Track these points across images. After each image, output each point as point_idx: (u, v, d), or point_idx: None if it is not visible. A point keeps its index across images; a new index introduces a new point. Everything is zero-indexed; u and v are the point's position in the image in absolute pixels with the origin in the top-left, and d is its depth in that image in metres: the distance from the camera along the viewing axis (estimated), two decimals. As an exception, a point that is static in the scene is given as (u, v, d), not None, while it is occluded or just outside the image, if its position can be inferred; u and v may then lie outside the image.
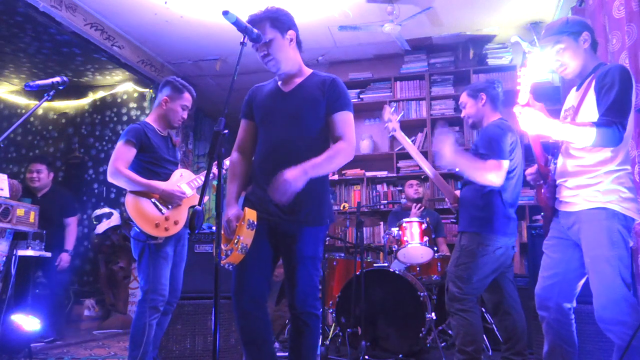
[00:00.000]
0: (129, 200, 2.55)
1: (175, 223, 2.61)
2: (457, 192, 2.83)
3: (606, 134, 1.77)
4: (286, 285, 1.97)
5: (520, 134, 2.46)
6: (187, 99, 2.78)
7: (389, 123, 2.85)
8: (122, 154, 2.59)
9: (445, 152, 2.35)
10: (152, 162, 2.67)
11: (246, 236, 1.83)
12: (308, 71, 2.07)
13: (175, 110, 2.75)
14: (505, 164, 2.47)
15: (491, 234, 2.50)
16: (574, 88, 2.06)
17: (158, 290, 2.52)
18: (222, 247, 1.90)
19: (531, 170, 2.16)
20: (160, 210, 2.59)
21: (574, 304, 2.01)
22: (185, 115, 2.80)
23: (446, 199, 2.87)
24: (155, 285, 2.51)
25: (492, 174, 2.44)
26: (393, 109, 2.89)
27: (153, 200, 2.58)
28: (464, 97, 2.76)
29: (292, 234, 1.93)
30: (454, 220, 2.78)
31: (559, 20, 2.07)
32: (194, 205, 2.69)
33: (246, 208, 1.88)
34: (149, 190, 2.57)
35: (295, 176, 1.75)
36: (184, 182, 2.72)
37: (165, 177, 2.70)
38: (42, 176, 4.24)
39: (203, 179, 2.72)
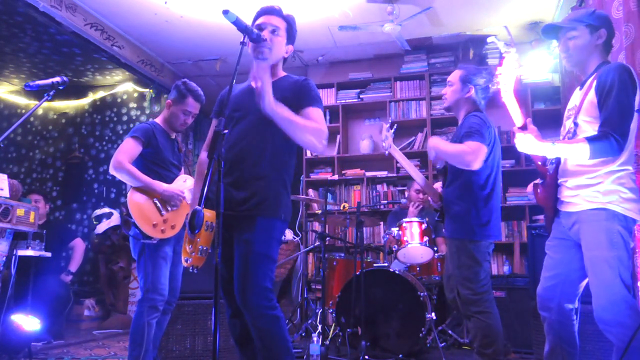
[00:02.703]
0: (132, 197, 2.54)
1: (172, 227, 2.61)
2: (438, 185, 2.81)
3: (601, 148, 1.78)
4: (235, 285, 1.87)
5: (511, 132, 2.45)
6: (189, 104, 2.74)
7: (385, 141, 2.83)
8: (128, 149, 2.59)
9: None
10: (157, 163, 2.68)
11: (204, 238, 1.78)
12: (282, 73, 2.09)
13: (177, 115, 2.74)
14: (485, 149, 2.41)
15: (477, 236, 2.49)
16: (578, 87, 2.05)
17: (157, 290, 2.52)
18: (187, 249, 1.88)
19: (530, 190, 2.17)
20: (160, 211, 2.59)
21: (577, 305, 2.00)
22: (188, 120, 2.78)
23: (430, 199, 2.85)
24: (155, 285, 2.51)
25: (471, 155, 2.38)
26: (388, 125, 2.87)
27: (155, 200, 2.58)
28: (455, 77, 2.67)
29: (244, 229, 1.89)
30: (438, 219, 2.76)
31: (586, 9, 2.06)
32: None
33: (205, 210, 1.83)
34: (149, 188, 2.57)
35: (265, 92, 1.73)
36: (186, 187, 2.72)
37: (168, 180, 2.69)
38: (40, 205, 4.35)
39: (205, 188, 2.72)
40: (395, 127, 2.94)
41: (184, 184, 2.73)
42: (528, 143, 1.92)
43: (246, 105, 2.00)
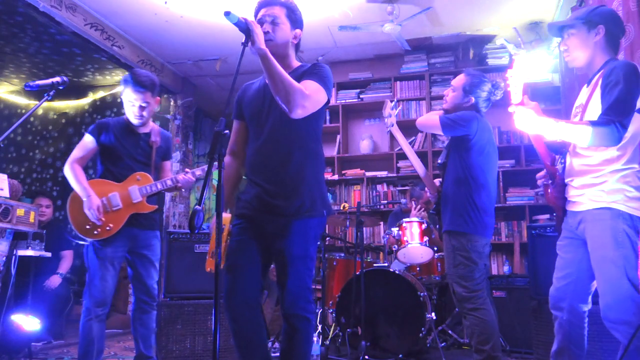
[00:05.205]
0: (71, 196, 2.57)
1: (108, 229, 2.54)
2: (437, 181, 2.85)
3: (603, 133, 1.76)
4: (277, 286, 1.95)
5: (519, 133, 2.46)
6: (128, 93, 2.59)
7: (388, 118, 2.86)
8: (78, 147, 2.62)
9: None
10: (110, 158, 2.64)
11: (213, 241, 1.82)
12: (296, 64, 2.04)
13: (126, 107, 2.65)
14: (437, 118, 2.59)
15: (475, 233, 2.52)
16: (585, 85, 2.04)
17: (89, 290, 2.52)
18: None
19: (541, 174, 2.15)
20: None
21: (589, 306, 1.99)
22: (138, 111, 2.62)
23: (427, 191, 2.89)
24: (89, 286, 2.53)
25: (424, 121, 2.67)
26: (393, 103, 2.89)
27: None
28: (458, 83, 2.69)
29: (281, 232, 1.90)
30: (433, 212, 2.79)
31: (589, 6, 2.05)
32: (139, 212, 2.61)
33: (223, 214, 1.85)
34: (79, 193, 2.53)
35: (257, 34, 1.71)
36: (137, 185, 2.62)
37: (122, 178, 2.63)
38: (49, 211, 4.38)
39: (159, 186, 2.63)
40: (400, 107, 2.96)
41: (137, 182, 2.63)
42: (528, 118, 1.89)
43: (263, 107, 1.98)
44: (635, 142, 1.89)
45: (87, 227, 2.52)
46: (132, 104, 2.62)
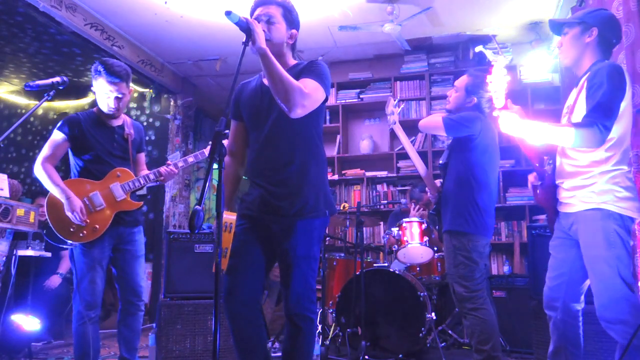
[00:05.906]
0: (50, 197, 2.45)
1: (94, 230, 2.46)
2: (437, 182, 2.85)
3: (586, 135, 1.78)
4: (281, 286, 1.95)
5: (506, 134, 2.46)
6: (102, 84, 2.46)
7: (391, 116, 2.85)
8: (49, 145, 2.48)
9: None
10: (85, 155, 2.52)
11: (223, 240, 1.82)
12: (292, 62, 2.02)
13: (99, 99, 2.52)
14: (441, 119, 2.58)
15: (476, 233, 2.52)
16: (575, 86, 2.07)
17: (79, 294, 2.45)
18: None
19: (532, 176, 2.15)
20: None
21: (582, 305, 2.01)
22: (114, 103, 2.50)
23: (428, 191, 2.91)
24: (78, 288, 2.45)
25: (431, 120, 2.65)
26: (396, 101, 2.89)
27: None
28: (461, 84, 2.70)
29: (285, 232, 1.90)
30: (433, 212, 2.80)
31: (589, 8, 2.08)
32: (123, 211, 2.53)
33: (224, 212, 1.86)
34: (56, 195, 2.42)
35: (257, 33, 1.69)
36: (118, 182, 2.53)
37: (100, 175, 2.52)
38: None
39: (142, 182, 2.55)
40: (403, 105, 2.96)
41: (117, 178, 2.54)
42: (512, 122, 1.92)
43: (262, 107, 1.97)
44: (623, 144, 1.90)
45: (72, 229, 2.43)
46: (107, 96, 2.49)
